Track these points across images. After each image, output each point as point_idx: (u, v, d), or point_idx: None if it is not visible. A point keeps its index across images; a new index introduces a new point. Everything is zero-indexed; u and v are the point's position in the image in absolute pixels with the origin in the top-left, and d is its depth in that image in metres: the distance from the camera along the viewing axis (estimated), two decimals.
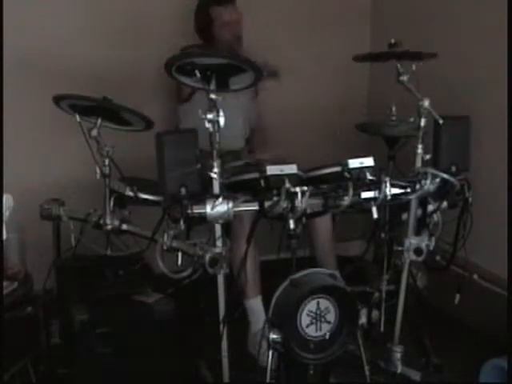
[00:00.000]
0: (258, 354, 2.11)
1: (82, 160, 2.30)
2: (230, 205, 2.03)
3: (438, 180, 2.21)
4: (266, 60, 2.62)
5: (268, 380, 2.00)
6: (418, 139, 2.27)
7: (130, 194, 2.34)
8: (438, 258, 2.60)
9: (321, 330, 1.96)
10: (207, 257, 2.08)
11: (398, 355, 2.49)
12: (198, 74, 2.01)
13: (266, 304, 2.04)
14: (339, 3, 3.48)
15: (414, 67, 2.29)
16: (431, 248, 2.36)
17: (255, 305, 2.65)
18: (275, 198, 2.00)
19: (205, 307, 2.77)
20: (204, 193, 2.05)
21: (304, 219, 2.02)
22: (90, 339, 2.36)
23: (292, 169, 2.03)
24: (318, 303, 1.94)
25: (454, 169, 2.27)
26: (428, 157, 2.26)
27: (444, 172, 2.21)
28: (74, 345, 2.42)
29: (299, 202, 1.97)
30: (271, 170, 2.02)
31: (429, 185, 2.21)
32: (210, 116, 1.98)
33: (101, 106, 2.19)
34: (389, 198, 2.12)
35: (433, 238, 2.37)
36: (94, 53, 3.06)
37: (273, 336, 1.92)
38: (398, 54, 2.31)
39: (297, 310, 1.92)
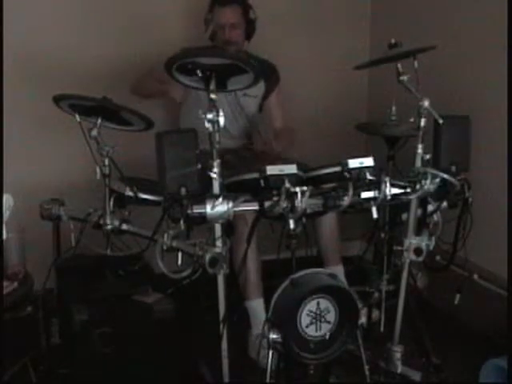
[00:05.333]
0: (258, 357, 2.11)
1: (82, 160, 2.30)
2: (230, 205, 2.03)
3: (437, 180, 2.21)
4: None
5: (268, 380, 2.00)
6: (418, 139, 2.27)
7: (130, 194, 2.34)
8: (437, 257, 2.60)
9: (321, 329, 1.96)
10: (207, 257, 2.08)
11: (398, 355, 2.49)
12: (200, 74, 2.01)
13: (267, 304, 2.04)
14: (339, 3, 3.48)
15: (416, 64, 2.28)
16: (431, 248, 2.36)
17: (257, 307, 2.64)
18: (275, 198, 2.00)
19: (205, 307, 2.77)
20: (204, 193, 2.05)
21: (304, 219, 2.02)
22: (90, 339, 2.36)
23: (292, 169, 2.03)
24: (318, 303, 1.94)
25: (453, 169, 2.27)
26: (428, 157, 2.26)
27: (444, 172, 2.21)
28: (74, 345, 2.42)
29: (299, 202, 1.97)
30: (271, 169, 2.02)
31: (429, 185, 2.21)
32: (209, 116, 1.98)
33: (101, 106, 2.19)
34: (389, 197, 2.11)
35: (433, 238, 2.37)
36: (94, 53, 3.06)
37: (273, 336, 1.92)
38: (397, 56, 2.31)
39: (297, 309, 1.92)
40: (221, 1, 2.88)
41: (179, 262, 2.13)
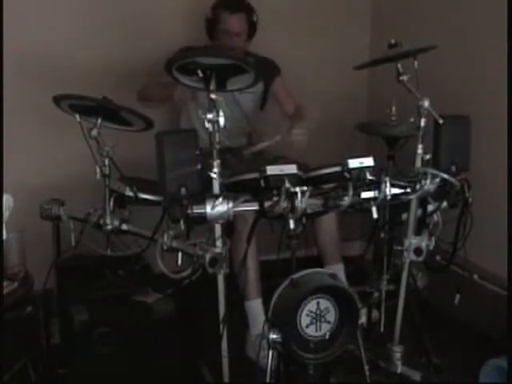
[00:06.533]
0: (257, 358, 2.11)
1: (82, 160, 2.30)
2: (230, 205, 2.03)
3: (437, 180, 2.22)
4: None
5: (268, 380, 2.00)
6: (418, 139, 2.27)
7: (130, 194, 2.34)
8: (438, 257, 2.60)
9: (321, 329, 1.96)
10: (207, 257, 2.08)
11: (398, 355, 2.49)
12: (201, 74, 2.01)
13: (266, 304, 2.04)
14: (339, 3, 3.48)
15: (416, 64, 2.29)
16: (431, 248, 2.37)
17: (255, 307, 2.64)
18: (275, 198, 2.00)
19: (205, 307, 2.77)
20: (204, 193, 2.05)
21: (304, 219, 2.02)
22: (90, 339, 2.36)
23: (292, 169, 2.04)
24: (317, 303, 1.94)
25: (453, 169, 2.27)
26: (428, 157, 2.27)
27: (444, 172, 2.21)
28: (74, 345, 2.42)
29: (299, 202, 1.97)
30: (271, 169, 2.02)
31: (429, 185, 2.21)
32: (209, 116, 1.98)
33: (101, 106, 2.19)
34: (389, 197, 2.12)
35: (433, 238, 2.37)
36: (94, 52, 3.06)
37: (273, 336, 1.92)
38: (397, 56, 2.31)
39: (297, 309, 1.92)
40: (229, 7, 2.86)
41: (179, 262, 2.13)
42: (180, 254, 2.13)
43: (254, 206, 2.05)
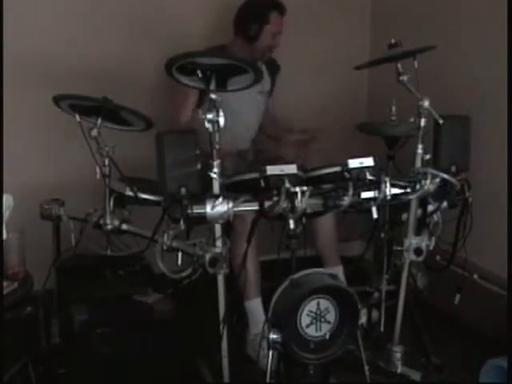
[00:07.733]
0: (257, 357, 2.11)
1: (82, 160, 2.30)
2: (230, 205, 2.04)
3: (437, 180, 2.22)
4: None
5: (268, 380, 2.00)
6: (418, 139, 2.27)
7: (130, 194, 2.34)
8: (437, 258, 2.60)
9: (321, 330, 1.96)
10: (207, 257, 2.08)
11: (398, 355, 2.49)
12: (200, 74, 2.01)
13: (266, 304, 2.04)
14: (339, 3, 3.48)
15: (416, 64, 2.29)
16: (431, 248, 2.37)
17: (255, 306, 2.65)
18: (275, 198, 2.00)
19: (205, 307, 2.77)
20: (204, 193, 2.05)
21: (304, 219, 2.03)
22: (90, 339, 2.36)
23: (292, 169, 2.04)
24: (318, 303, 1.94)
25: (453, 169, 2.28)
26: (428, 157, 2.27)
27: (444, 172, 2.21)
28: (74, 345, 2.42)
29: (299, 202, 1.97)
30: (271, 169, 2.02)
31: (429, 185, 2.21)
32: (209, 116, 1.98)
33: (101, 106, 2.19)
34: (389, 198, 2.12)
35: (433, 238, 2.37)
36: (94, 53, 3.06)
37: (273, 336, 1.92)
38: (397, 56, 2.32)
39: (297, 309, 1.92)
40: (281, 9, 2.90)
41: (179, 262, 2.13)
42: (180, 254, 2.14)
43: (254, 206, 2.06)
